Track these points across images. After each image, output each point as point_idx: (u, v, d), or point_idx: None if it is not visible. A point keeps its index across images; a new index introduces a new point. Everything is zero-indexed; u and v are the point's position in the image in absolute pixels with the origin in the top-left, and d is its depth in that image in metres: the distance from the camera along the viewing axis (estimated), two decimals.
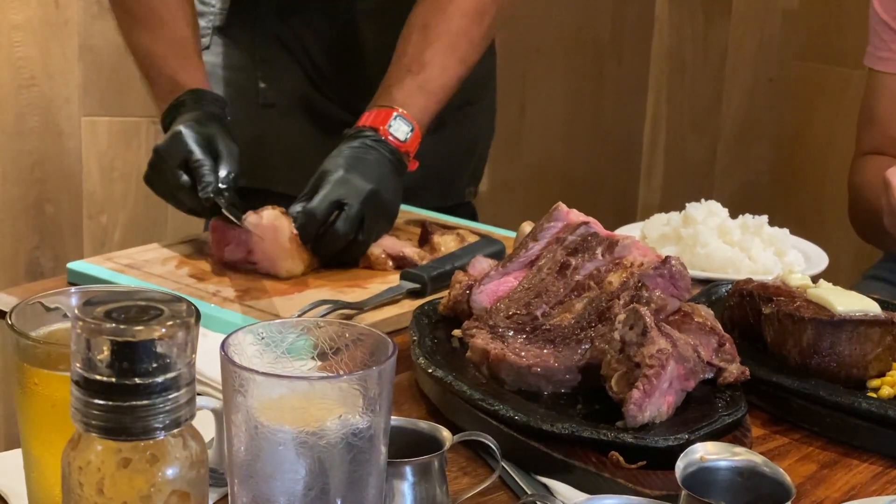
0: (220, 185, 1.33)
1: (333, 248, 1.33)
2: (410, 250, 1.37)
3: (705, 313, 1.03)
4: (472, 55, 1.51)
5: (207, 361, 0.73)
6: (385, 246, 1.37)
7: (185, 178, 1.34)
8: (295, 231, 1.31)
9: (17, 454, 0.79)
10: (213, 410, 0.85)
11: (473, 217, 1.80)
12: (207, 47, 1.69)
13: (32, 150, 2.41)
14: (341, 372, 0.70)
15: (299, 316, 1.17)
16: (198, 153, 1.34)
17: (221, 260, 1.34)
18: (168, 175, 1.35)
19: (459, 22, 1.47)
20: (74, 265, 1.33)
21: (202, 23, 1.70)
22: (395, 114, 1.40)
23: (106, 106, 2.46)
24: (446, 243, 1.39)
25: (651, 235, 1.50)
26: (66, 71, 2.41)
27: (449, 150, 1.74)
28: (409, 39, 1.47)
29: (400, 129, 1.40)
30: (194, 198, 1.34)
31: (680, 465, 0.77)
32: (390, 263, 1.35)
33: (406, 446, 0.82)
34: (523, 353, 1.00)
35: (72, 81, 2.42)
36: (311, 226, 1.31)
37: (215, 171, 1.34)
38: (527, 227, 1.17)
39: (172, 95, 1.44)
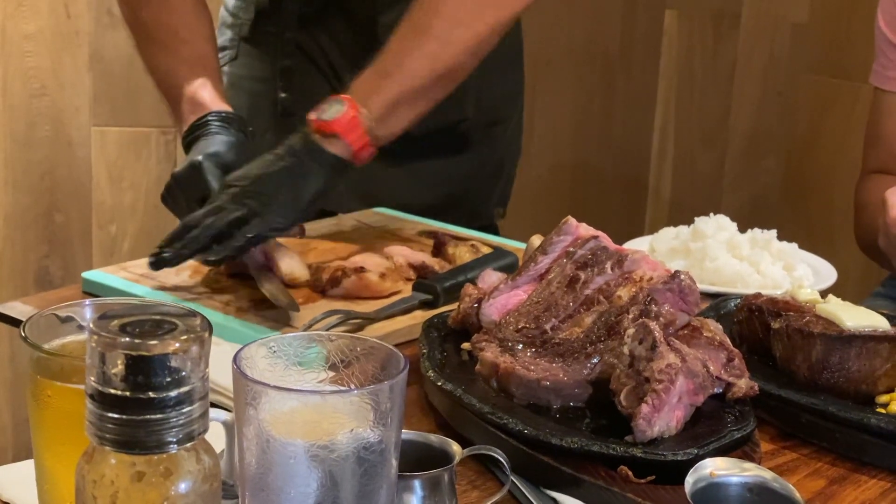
0: None
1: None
2: (431, 260, 1.38)
3: (714, 328, 1.03)
4: (443, 27, 1.38)
5: (221, 371, 0.73)
6: (406, 255, 1.37)
7: None
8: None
9: (29, 465, 0.80)
10: (224, 423, 0.85)
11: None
12: (235, 58, 1.69)
13: (42, 159, 2.42)
14: (352, 385, 0.71)
15: (310, 326, 1.17)
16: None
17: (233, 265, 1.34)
18: (184, 207, 1.34)
19: (423, 3, 1.39)
20: (89, 274, 1.33)
21: (230, 34, 1.70)
22: (331, 99, 1.34)
23: (116, 116, 2.47)
24: (461, 254, 1.40)
25: (660, 249, 1.50)
26: (77, 81, 2.42)
27: (475, 170, 1.73)
28: None
29: (327, 111, 1.32)
30: None
31: (689, 480, 0.78)
32: (412, 273, 1.36)
33: (416, 460, 0.82)
34: (532, 367, 1.00)
35: (82, 91, 2.43)
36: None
37: None
38: (536, 240, 1.17)
39: (194, 116, 1.42)
